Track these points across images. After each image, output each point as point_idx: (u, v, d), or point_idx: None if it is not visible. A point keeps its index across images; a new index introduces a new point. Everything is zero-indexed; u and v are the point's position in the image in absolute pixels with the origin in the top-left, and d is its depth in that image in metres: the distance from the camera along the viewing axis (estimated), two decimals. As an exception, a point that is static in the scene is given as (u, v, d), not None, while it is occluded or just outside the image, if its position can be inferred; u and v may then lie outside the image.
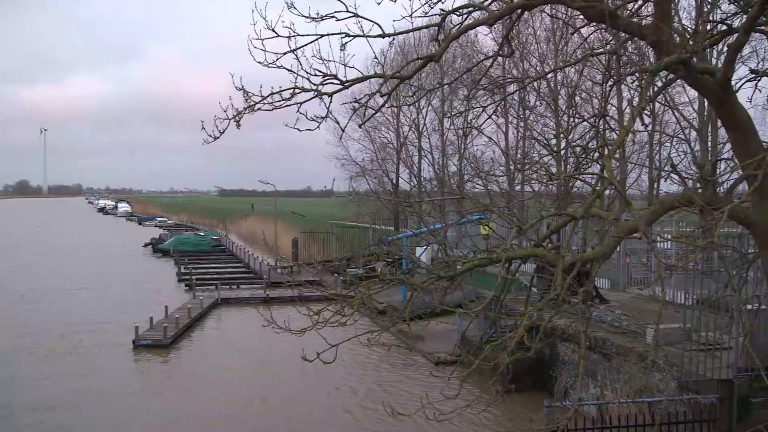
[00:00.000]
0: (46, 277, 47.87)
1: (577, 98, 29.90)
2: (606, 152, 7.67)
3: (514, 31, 10.43)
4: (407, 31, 8.20)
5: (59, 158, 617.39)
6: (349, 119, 8.34)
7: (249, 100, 7.20)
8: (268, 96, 7.22)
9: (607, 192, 8.13)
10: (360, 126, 10.15)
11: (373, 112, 8.32)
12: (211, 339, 29.83)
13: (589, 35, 12.35)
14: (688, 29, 8.64)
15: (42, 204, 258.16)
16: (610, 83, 11.49)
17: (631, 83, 12.25)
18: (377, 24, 7.52)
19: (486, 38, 39.88)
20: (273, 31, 7.18)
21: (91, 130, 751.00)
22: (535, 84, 31.24)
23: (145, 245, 70.50)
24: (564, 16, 13.04)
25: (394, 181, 56.28)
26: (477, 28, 8.61)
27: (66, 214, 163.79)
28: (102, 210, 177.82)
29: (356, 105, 7.92)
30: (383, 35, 7.62)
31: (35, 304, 36.98)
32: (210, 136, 7.39)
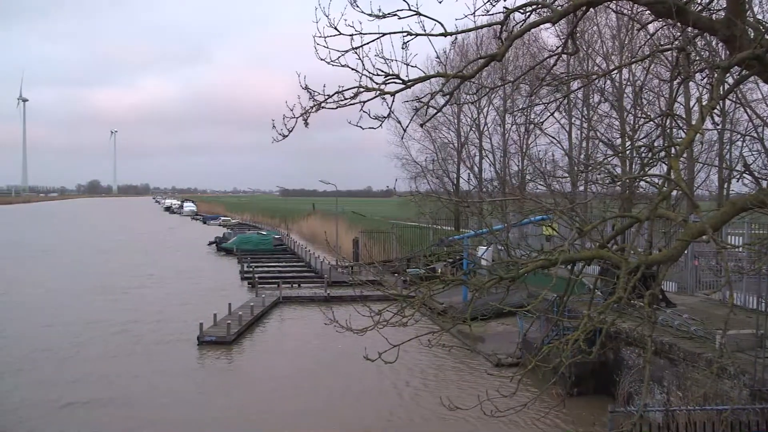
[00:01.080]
0: (117, 272, 49.42)
1: (643, 97, 29.17)
2: (673, 152, 7.45)
3: (578, 29, 10.25)
4: (469, 30, 8.15)
5: (128, 158, 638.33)
6: (411, 119, 8.34)
7: (314, 99, 7.29)
8: (333, 95, 7.29)
9: (673, 193, 7.91)
10: (422, 126, 10.15)
11: (435, 111, 8.29)
12: (273, 336, 30.26)
13: (656, 31, 12.02)
14: (763, 23, 8.31)
15: (114, 202, 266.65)
16: (677, 81, 11.16)
17: (701, 80, 11.87)
18: (439, 22, 7.50)
19: (549, 35, 39.33)
20: (336, 29, 7.23)
21: (160, 132, 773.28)
22: (599, 82, 30.66)
23: (210, 244, 72.04)
24: (630, 12, 12.72)
25: (455, 181, 56.07)
26: (540, 26, 8.48)
27: (136, 213, 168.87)
28: (168, 209, 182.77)
29: (418, 104, 7.91)
30: (445, 34, 7.59)
31: (105, 298, 38.21)
32: (279, 134, 7.51)
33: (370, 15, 7.32)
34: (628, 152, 20.74)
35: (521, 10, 7.94)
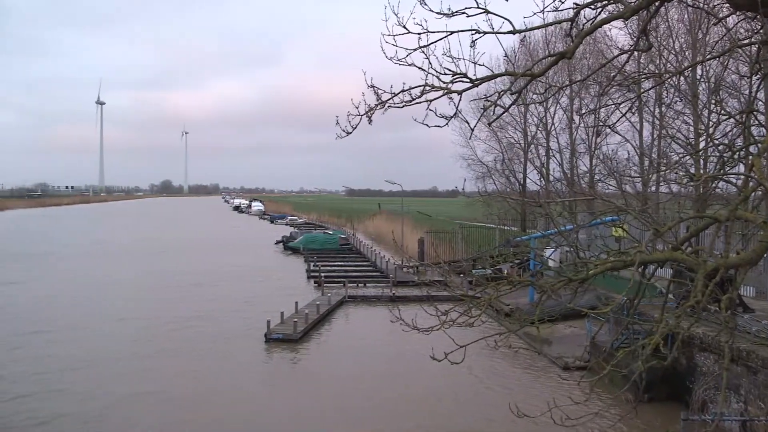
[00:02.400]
0: (187, 269, 50.75)
1: (721, 93, 28.14)
2: (755, 151, 7.15)
3: (651, 24, 9.96)
4: (538, 27, 8.01)
5: (199, 159, 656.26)
6: (479, 118, 8.26)
7: (380, 98, 7.30)
8: (398, 93, 7.29)
9: (753, 193, 7.58)
10: (489, 125, 10.03)
11: (503, 110, 8.18)
12: (339, 335, 30.50)
13: (735, 25, 11.58)
14: None
15: (185, 202, 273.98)
16: (758, 76, 10.73)
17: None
18: (507, 20, 7.40)
19: (617, 32, 38.34)
20: (404, 27, 7.23)
21: (230, 132, 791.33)
22: (673, 79, 29.73)
23: (277, 243, 73.18)
24: (705, 5, 12.28)
25: (522, 181, 55.38)
26: (610, 22, 8.26)
27: (206, 212, 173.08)
28: (237, 208, 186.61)
29: (485, 103, 7.82)
30: (513, 32, 7.49)
31: (174, 295, 39.26)
32: (343, 131, 7.56)
33: (438, 13, 7.29)
34: (702, 151, 20.02)
35: (592, 6, 7.76)
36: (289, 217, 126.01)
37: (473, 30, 7.25)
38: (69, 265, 53.61)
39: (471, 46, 7.26)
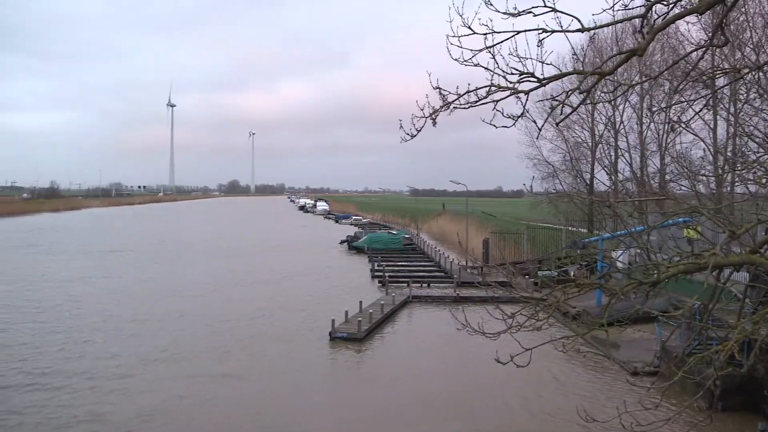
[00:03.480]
0: (253, 268, 51.68)
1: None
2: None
3: (728, 18, 9.61)
4: (608, 24, 7.80)
5: (265, 159, 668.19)
6: (546, 118, 8.11)
7: (445, 99, 7.25)
8: (464, 94, 7.22)
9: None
10: (557, 125, 9.87)
11: (571, 110, 8.02)
12: (402, 335, 30.53)
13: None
14: None
15: (251, 201, 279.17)
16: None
17: None
18: (576, 18, 7.26)
19: (690, 27, 37.17)
20: (469, 28, 7.16)
21: (296, 133, 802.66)
22: (751, 75, 28.64)
23: (341, 242, 73.78)
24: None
25: (589, 182, 54.33)
26: (684, 17, 7.99)
27: (272, 211, 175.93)
28: (302, 208, 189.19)
29: (553, 103, 7.68)
30: (582, 30, 7.33)
31: (239, 293, 40.02)
32: (407, 134, 7.54)
33: (504, 13, 7.20)
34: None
35: (664, 2, 7.54)
36: (354, 217, 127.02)
37: (540, 29, 7.13)
38: (140, 263, 55.30)
39: (538, 46, 7.14)
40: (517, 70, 7.18)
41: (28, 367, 23.76)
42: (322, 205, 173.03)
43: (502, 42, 7.19)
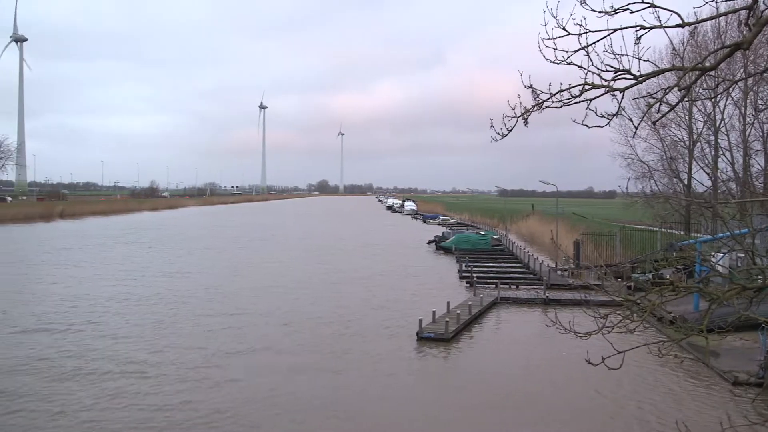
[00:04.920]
0: (346, 268, 52.43)
1: None
2: None
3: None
4: (711, 18, 7.54)
5: (355, 159, 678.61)
6: (643, 116, 7.87)
7: (537, 98, 7.17)
8: (556, 93, 7.12)
9: None
10: (653, 124, 9.57)
11: (669, 107, 7.75)
12: (490, 337, 30.24)
13: None
14: None
15: (340, 200, 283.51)
16: None
17: None
18: (675, 13, 7.03)
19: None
20: (564, 29, 7.05)
21: (386, 134, 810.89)
22: None
23: (429, 242, 73.79)
24: None
25: (686, 182, 52.24)
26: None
27: (360, 210, 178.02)
28: (390, 208, 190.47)
29: (650, 101, 7.45)
30: (682, 24, 7.09)
31: (326, 292, 40.66)
32: (498, 134, 7.49)
33: (599, 12, 7.04)
34: None
35: (773, -8, 7.19)
36: (441, 217, 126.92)
37: (638, 26, 6.94)
38: (234, 259, 57.08)
39: (635, 43, 6.96)
40: (612, 67, 7.03)
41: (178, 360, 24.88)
42: (409, 205, 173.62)
43: (597, 41, 7.05)
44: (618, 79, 7.09)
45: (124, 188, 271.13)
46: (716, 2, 7.19)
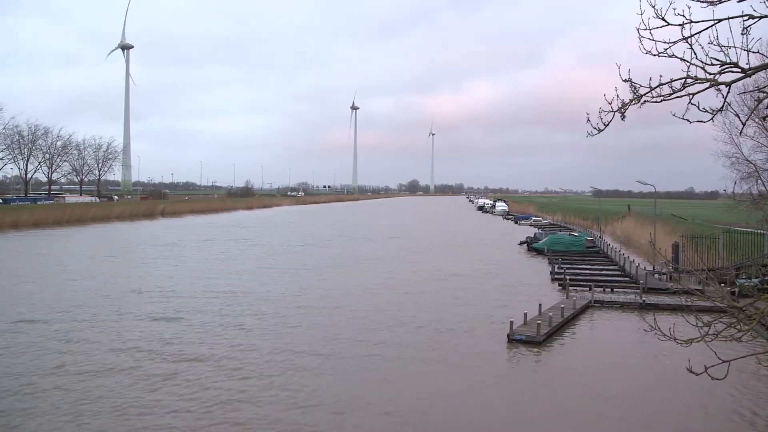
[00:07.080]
0: (437, 268, 52.39)
1: None
2: None
3: None
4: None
5: (446, 159, 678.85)
6: (752, 111, 7.45)
7: (636, 93, 6.89)
8: (656, 87, 6.82)
9: None
10: (763, 120, 9.05)
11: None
12: (583, 341, 29.43)
13: None
14: None
15: (431, 200, 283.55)
16: None
17: None
18: (788, 1, 6.60)
19: None
20: (663, 19, 6.75)
21: (478, 133, 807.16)
22: None
23: (521, 243, 72.79)
24: None
25: (798, 182, 49.30)
26: None
27: (451, 211, 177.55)
28: (481, 208, 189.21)
29: (759, 95, 7.04)
30: (796, 13, 6.66)
31: (417, 291, 40.66)
32: (594, 128, 7.26)
33: (703, 2, 6.70)
34: None
35: None
36: (533, 218, 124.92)
37: (746, 15, 6.57)
38: (327, 258, 58.04)
39: (743, 33, 6.58)
40: (717, 60, 6.67)
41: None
42: (501, 206, 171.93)
43: (701, 32, 6.71)
44: (724, 73, 6.73)
45: (221, 188, 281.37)
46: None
